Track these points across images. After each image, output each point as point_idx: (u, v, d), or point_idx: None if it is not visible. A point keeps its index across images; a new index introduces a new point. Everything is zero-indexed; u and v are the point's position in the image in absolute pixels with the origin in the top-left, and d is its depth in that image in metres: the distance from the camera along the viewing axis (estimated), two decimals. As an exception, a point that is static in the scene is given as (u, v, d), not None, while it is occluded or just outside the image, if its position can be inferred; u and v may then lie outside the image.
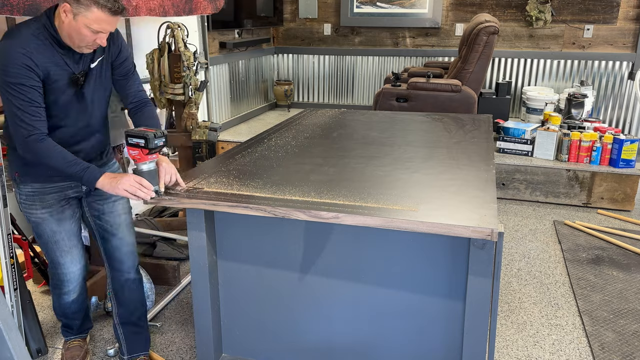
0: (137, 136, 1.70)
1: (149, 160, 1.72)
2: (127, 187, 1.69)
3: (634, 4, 4.86)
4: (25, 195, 1.84)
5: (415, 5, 5.53)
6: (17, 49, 1.60)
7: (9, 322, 1.61)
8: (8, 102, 1.63)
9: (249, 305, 1.94)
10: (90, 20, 1.60)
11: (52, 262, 1.94)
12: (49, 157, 1.68)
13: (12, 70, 1.59)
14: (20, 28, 1.64)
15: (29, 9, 1.87)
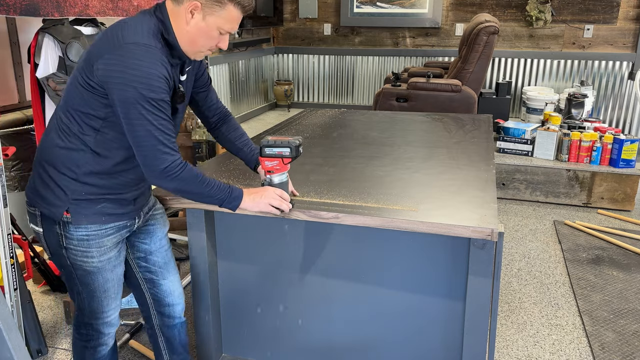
0: (279, 146, 1.55)
1: (286, 170, 1.59)
2: (272, 201, 1.54)
3: (634, 4, 4.86)
4: (77, 241, 1.46)
5: (415, 5, 5.53)
6: (157, 55, 1.35)
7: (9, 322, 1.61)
8: (144, 123, 1.34)
9: (249, 305, 1.94)
10: (224, 19, 1.40)
11: (91, 312, 1.58)
12: (193, 184, 1.44)
13: (155, 84, 1.33)
14: (141, 26, 1.38)
15: (26, 9, 1.87)
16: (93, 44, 1.42)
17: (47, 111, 2.32)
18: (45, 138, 1.47)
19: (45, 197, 1.45)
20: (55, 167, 1.43)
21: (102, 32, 1.44)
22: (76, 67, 1.44)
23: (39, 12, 1.91)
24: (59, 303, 2.63)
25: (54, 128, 1.45)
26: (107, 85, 1.34)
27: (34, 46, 2.27)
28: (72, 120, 1.41)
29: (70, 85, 1.42)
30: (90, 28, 2.45)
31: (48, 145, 1.45)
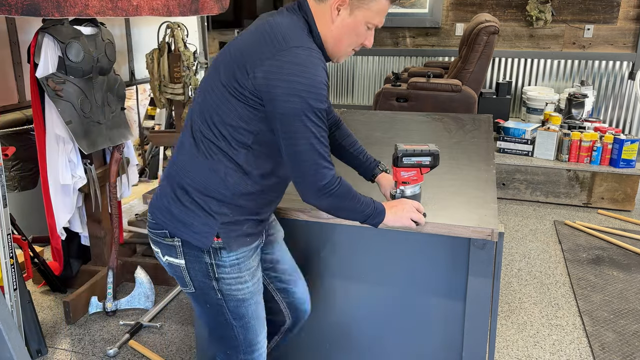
0: (419, 154, 1.43)
1: (421, 181, 1.48)
2: (412, 215, 1.42)
3: (634, 3, 4.86)
4: (229, 267, 1.33)
5: (415, 5, 5.53)
6: (320, 59, 1.23)
7: (9, 323, 1.61)
8: (307, 136, 1.21)
9: (249, 305, 1.93)
10: (373, 12, 1.28)
11: (247, 345, 1.42)
12: (348, 199, 1.32)
13: (321, 92, 1.20)
14: (297, 27, 1.27)
15: (27, 9, 1.87)
16: (240, 45, 1.26)
17: (46, 111, 2.32)
18: (180, 157, 1.31)
19: (192, 224, 1.28)
20: (200, 189, 1.28)
21: (251, 33, 1.28)
22: (215, 73, 1.28)
23: (39, 12, 1.91)
24: (59, 303, 2.63)
25: (191, 145, 1.30)
26: (267, 95, 1.19)
27: (33, 46, 2.26)
28: (218, 136, 1.26)
29: (211, 95, 1.27)
30: (90, 28, 2.45)
31: (187, 166, 1.29)
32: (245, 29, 1.35)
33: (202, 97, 1.30)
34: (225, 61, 1.27)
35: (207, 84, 1.30)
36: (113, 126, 2.59)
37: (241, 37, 1.31)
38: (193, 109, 1.33)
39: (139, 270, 2.59)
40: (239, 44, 1.27)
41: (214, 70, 1.30)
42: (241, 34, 1.33)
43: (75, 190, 2.46)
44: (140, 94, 4.05)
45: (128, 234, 3.24)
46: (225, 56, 1.29)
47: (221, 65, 1.28)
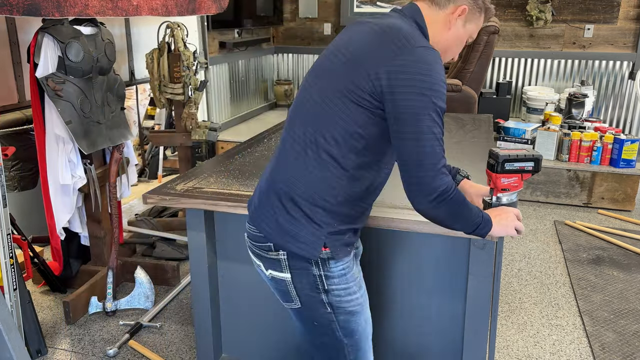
0: (522, 160, 1.35)
1: (521, 188, 1.38)
2: (516, 223, 1.32)
3: (634, 3, 4.86)
4: (338, 278, 1.28)
5: (415, 5, 5.53)
6: (441, 62, 1.22)
7: (9, 323, 1.61)
8: (430, 137, 1.15)
9: (249, 305, 1.93)
10: (476, 27, 1.31)
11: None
12: (461, 206, 1.23)
13: (444, 92, 1.18)
14: (413, 29, 1.24)
15: (28, 9, 1.87)
16: (354, 49, 1.22)
17: (46, 111, 2.32)
18: (282, 167, 1.28)
19: (299, 235, 1.24)
20: (309, 199, 1.24)
21: (362, 35, 1.23)
22: (322, 80, 1.24)
23: (40, 12, 1.90)
24: (59, 303, 2.62)
25: (298, 154, 1.25)
26: (390, 96, 1.16)
27: (33, 46, 2.26)
28: (331, 142, 1.22)
29: (323, 102, 1.23)
30: (90, 28, 2.45)
31: (295, 176, 1.25)
32: (345, 34, 1.30)
33: (310, 105, 1.25)
34: (335, 67, 1.23)
35: (312, 92, 1.26)
36: (113, 126, 2.59)
37: (349, 42, 1.25)
38: (295, 118, 1.29)
39: (139, 270, 2.58)
40: (350, 48, 1.22)
41: (316, 78, 1.27)
42: (347, 39, 1.27)
43: (75, 190, 2.46)
44: (140, 94, 4.05)
45: (128, 234, 3.24)
46: (332, 62, 1.24)
47: (328, 72, 1.24)
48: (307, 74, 1.33)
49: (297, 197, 1.25)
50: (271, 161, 1.36)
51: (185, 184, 1.83)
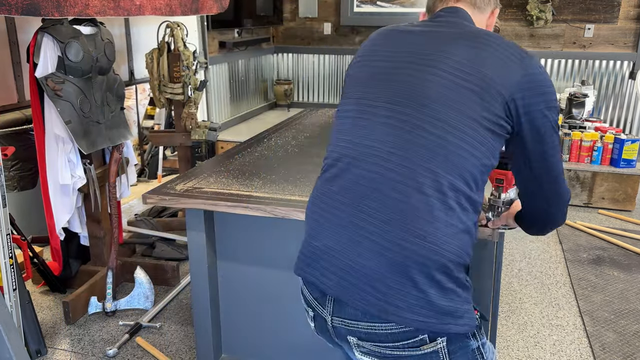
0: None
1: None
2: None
3: (634, 3, 4.85)
4: (488, 340, 1.14)
5: (415, 4, 5.53)
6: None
7: (8, 323, 1.61)
8: (557, 150, 1.08)
9: (249, 305, 1.93)
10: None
11: None
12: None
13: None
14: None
15: (27, 9, 1.86)
16: (476, 64, 1.03)
17: (46, 111, 2.31)
18: (423, 229, 0.98)
19: (458, 309, 1.00)
20: (457, 260, 1.01)
21: (477, 48, 1.05)
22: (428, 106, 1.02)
23: (39, 11, 1.90)
24: (58, 303, 2.62)
25: (433, 208, 0.99)
26: (526, 116, 1.03)
27: (33, 46, 2.26)
28: (469, 182, 1.02)
29: (439, 133, 1.00)
30: (90, 28, 2.45)
31: (439, 236, 0.99)
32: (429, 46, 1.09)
33: (423, 140, 1.01)
34: (447, 91, 1.02)
35: (416, 122, 1.02)
36: (112, 126, 2.58)
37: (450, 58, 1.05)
38: (396, 157, 1.02)
39: (139, 270, 2.58)
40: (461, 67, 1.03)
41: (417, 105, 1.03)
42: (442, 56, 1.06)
43: (74, 190, 2.45)
44: (139, 94, 4.04)
45: (127, 234, 3.24)
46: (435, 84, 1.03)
47: (437, 98, 1.02)
48: (375, 99, 1.08)
49: (450, 263, 0.99)
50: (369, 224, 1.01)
51: (185, 184, 1.83)
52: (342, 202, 1.06)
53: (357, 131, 1.09)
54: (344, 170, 1.08)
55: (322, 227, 1.08)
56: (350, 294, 1.01)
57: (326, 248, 1.06)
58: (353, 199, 1.04)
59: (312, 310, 1.13)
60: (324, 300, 1.07)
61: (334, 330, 1.08)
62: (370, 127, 1.07)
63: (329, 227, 1.07)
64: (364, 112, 1.10)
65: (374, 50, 1.16)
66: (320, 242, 1.08)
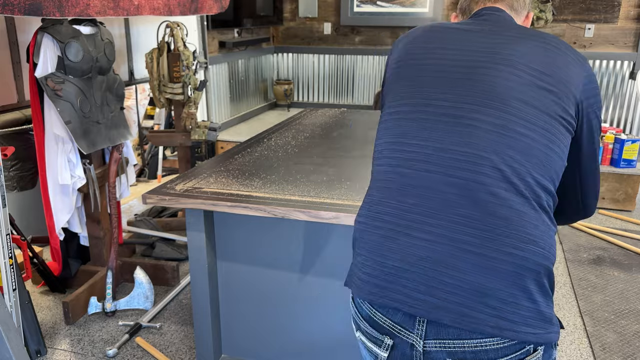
0: None
1: None
2: None
3: (635, 3, 4.85)
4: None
5: (415, 4, 5.52)
6: None
7: (8, 323, 1.61)
8: (600, 150, 1.20)
9: (249, 305, 1.93)
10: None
11: None
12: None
13: None
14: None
15: (30, 9, 1.86)
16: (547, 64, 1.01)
17: (45, 111, 2.31)
18: (519, 235, 0.93)
19: (552, 316, 0.97)
20: (553, 262, 0.97)
21: (550, 51, 1.03)
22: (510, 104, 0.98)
23: (41, 11, 1.90)
24: (58, 303, 2.62)
25: (525, 207, 0.94)
26: (588, 116, 1.05)
27: (32, 45, 2.26)
28: (554, 185, 1.00)
29: (524, 131, 0.97)
30: (89, 27, 2.45)
31: (538, 239, 0.94)
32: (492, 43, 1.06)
33: (525, 145, 0.96)
34: (530, 93, 0.99)
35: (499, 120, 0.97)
36: (112, 126, 2.58)
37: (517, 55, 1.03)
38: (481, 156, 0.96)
39: (138, 270, 2.58)
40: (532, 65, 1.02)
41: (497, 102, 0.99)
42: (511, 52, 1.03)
43: (74, 190, 2.45)
44: (139, 94, 4.04)
45: (127, 234, 3.23)
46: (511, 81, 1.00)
47: (524, 98, 0.99)
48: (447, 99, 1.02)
49: (551, 266, 0.96)
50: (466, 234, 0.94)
51: (185, 184, 1.83)
52: (424, 214, 0.97)
53: (428, 134, 1.01)
54: (418, 178, 0.99)
55: (398, 243, 0.98)
56: (453, 313, 0.93)
57: (409, 266, 0.97)
58: (439, 209, 0.96)
59: (390, 337, 1.02)
60: (412, 323, 0.98)
61: (424, 355, 0.99)
62: (447, 130, 0.99)
63: (411, 242, 0.97)
64: (433, 114, 1.02)
65: (428, 48, 1.09)
66: (398, 262, 0.98)
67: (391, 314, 1.00)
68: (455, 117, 1.00)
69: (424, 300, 0.95)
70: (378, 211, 1.02)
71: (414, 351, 0.99)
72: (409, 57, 1.11)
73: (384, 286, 0.99)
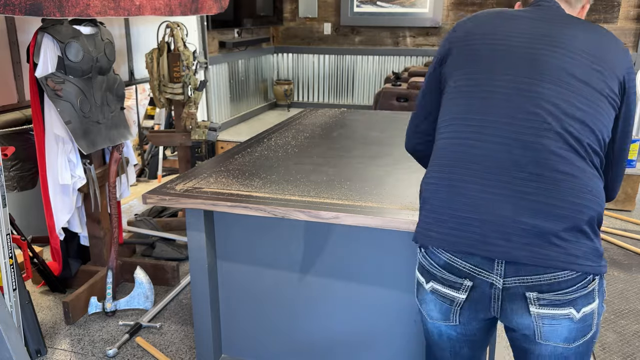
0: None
1: None
2: None
3: (634, 3, 4.86)
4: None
5: (415, 4, 5.53)
6: None
7: (8, 323, 1.61)
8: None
9: (249, 305, 1.93)
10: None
11: None
12: None
13: None
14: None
15: (30, 9, 1.86)
16: (589, 50, 1.16)
17: (46, 111, 2.31)
18: (576, 191, 1.11)
19: (601, 253, 1.15)
20: (602, 211, 1.16)
21: (598, 37, 1.20)
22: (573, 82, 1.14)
23: (42, 11, 1.90)
24: (58, 303, 2.62)
25: (590, 169, 1.14)
26: (628, 98, 1.20)
27: (33, 46, 2.26)
28: (602, 150, 1.18)
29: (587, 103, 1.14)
30: (89, 28, 2.45)
31: (593, 195, 1.12)
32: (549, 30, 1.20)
33: (583, 114, 1.13)
34: (585, 72, 1.15)
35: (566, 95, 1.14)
36: (112, 126, 2.58)
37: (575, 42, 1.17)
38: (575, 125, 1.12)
39: (139, 270, 2.58)
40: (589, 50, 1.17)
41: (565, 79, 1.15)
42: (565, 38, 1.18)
43: (74, 190, 2.46)
44: (139, 94, 4.05)
45: (127, 234, 3.24)
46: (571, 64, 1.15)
47: (579, 77, 1.15)
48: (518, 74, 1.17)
49: (602, 211, 1.16)
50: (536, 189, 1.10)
51: (185, 184, 1.83)
52: (492, 172, 1.14)
53: (495, 106, 1.16)
54: (487, 143, 1.15)
55: (469, 197, 1.15)
56: (528, 254, 1.11)
57: (482, 215, 1.13)
58: (507, 167, 1.13)
59: (470, 279, 1.17)
60: (491, 265, 1.14)
61: (503, 292, 1.15)
62: (512, 102, 1.15)
63: (480, 196, 1.14)
64: (500, 88, 1.18)
65: (496, 32, 1.23)
66: (472, 212, 1.14)
67: (469, 258, 1.16)
68: (519, 90, 1.15)
69: (500, 244, 1.12)
70: (450, 172, 1.18)
71: (493, 289, 1.16)
72: (478, 38, 1.25)
73: (460, 235, 1.15)
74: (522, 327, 1.18)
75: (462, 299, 1.20)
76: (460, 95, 1.22)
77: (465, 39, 1.26)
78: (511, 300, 1.16)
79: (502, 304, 1.17)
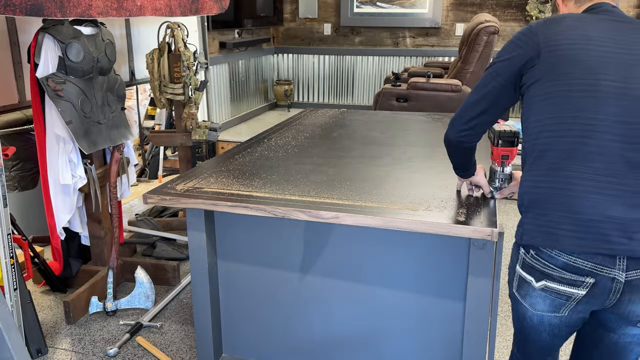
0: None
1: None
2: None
3: (634, 3, 4.86)
4: None
5: (415, 5, 5.53)
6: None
7: (9, 322, 1.61)
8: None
9: (249, 305, 1.94)
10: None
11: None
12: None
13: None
14: None
15: (31, 9, 1.87)
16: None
17: (46, 111, 2.32)
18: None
19: None
20: None
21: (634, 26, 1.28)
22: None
23: (42, 12, 1.90)
24: (59, 303, 2.63)
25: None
26: None
27: (33, 46, 2.26)
28: None
29: None
30: (90, 28, 2.45)
31: None
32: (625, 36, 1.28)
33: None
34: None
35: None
36: (113, 126, 2.59)
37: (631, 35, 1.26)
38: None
39: (139, 270, 2.59)
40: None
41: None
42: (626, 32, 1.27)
43: (75, 190, 2.46)
44: (140, 94, 4.05)
45: (128, 234, 3.24)
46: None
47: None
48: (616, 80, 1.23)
49: None
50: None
51: (186, 184, 1.84)
52: (610, 175, 1.19)
53: (606, 109, 1.20)
54: (602, 146, 1.20)
55: (589, 199, 1.20)
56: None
57: (602, 217, 1.19)
58: (623, 171, 1.19)
59: (592, 277, 1.21)
60: (613, 262, 1.19)
61: (625, 285, 1.21)
62: (622, 105, 1.20)
63: (600, 199, 1.19)
64: (607, 92, 1.22)
65: (589, 36, 1.26)
66: (592, 214, 1.20)
67: (592, 257, 1.20)
68: (627, 95, 1.20)
69: (623, 242, 1.18)
70: (566, 176, 1.22)
71: (614, 283, 1.21)
72: (569, 42, 1.27)
73: (582, 237, 1.20)
74: (635, 316, 1.25)
75: (582, 294, 1.24)
76: (563, 97, 1.25)
77: (556, 43, 1.28)
78: (632, 292, 1.21)
79: (620, 296, 1.22)
